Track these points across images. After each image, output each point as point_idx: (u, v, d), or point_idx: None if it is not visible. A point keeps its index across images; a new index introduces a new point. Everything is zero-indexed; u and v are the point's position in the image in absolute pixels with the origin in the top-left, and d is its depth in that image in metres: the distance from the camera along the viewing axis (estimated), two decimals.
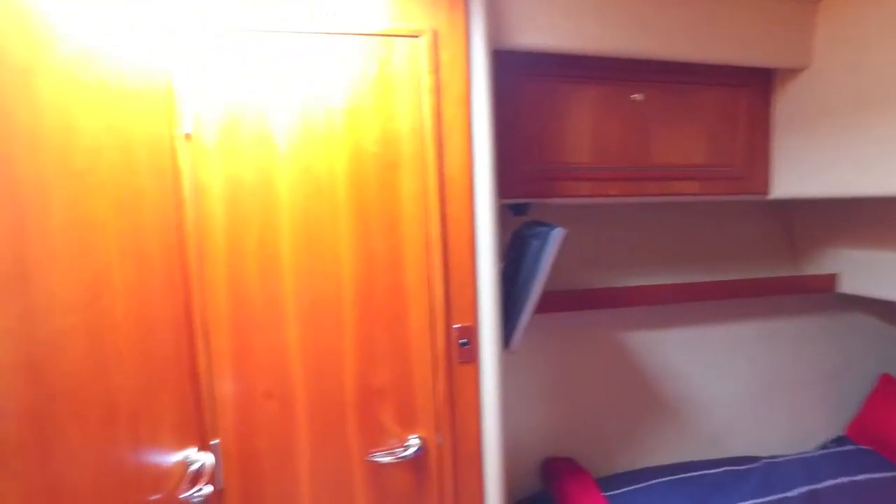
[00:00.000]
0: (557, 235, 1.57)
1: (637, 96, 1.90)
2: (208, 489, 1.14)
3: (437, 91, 1.43)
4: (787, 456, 2.23)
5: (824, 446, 2.39)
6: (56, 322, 0.76)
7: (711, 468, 2.12)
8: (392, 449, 1.43)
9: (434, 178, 1.42)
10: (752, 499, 1.94)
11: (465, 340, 1.46)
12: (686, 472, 2.07)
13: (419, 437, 1.45)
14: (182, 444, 1.14)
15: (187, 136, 1.29)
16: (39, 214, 0.76)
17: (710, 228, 2.32)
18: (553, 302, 1.95)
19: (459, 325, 1.46)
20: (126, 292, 0.95)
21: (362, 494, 1.44)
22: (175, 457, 1.10)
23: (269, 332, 1.35)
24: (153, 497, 1.01)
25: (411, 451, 1.43)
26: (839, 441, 2.39)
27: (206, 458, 1.16)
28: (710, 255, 2.31)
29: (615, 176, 1.88)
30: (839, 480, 2.01)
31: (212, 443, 1.31)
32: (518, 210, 1.95)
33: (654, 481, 1.99)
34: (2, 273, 0.67)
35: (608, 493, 1.92)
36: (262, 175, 1.33)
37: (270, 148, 1.33)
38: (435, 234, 1.43)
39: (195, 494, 1.11)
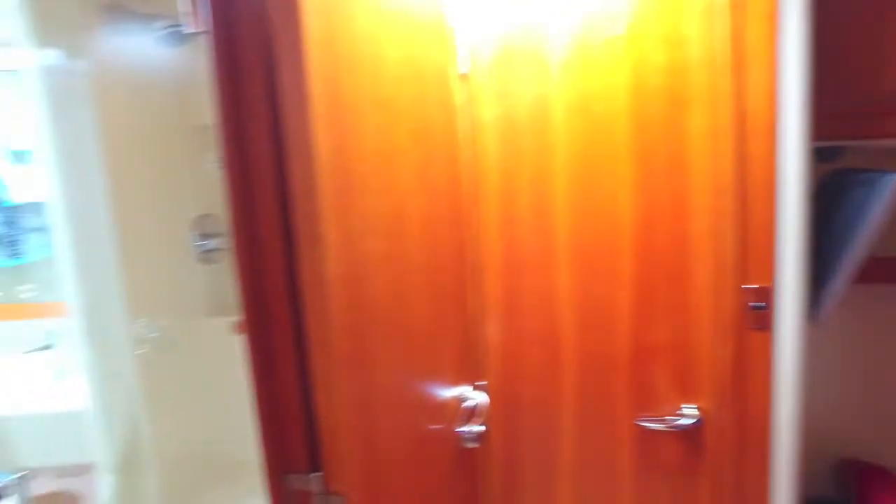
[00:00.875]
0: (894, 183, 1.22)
1: None
2: (480, 428, 1.14)
3: (738, 7, 1.19)
4: None
5: None
6: (368, 244, 0.79)
7: None
8: (663, 416, 1.29)
9: (728, 113, 1.20)
10: None
11: (762, 304, 1.23)
12: None
13: (696, 408, 1.28)
14: (458, 381, 1.16)
15: (463, 76, 1.27)
16: (356, 138, 0.78)
17: None
18: (881, 270, 1.56)
19: (755, 286, 1.23)
20: (420, 224, 0.96)
21: (627, 458, 1.33)
22: (452, 392, 1.12)
23: (539, 276, 1.30)
24: (434, 426, 1.04)
25: (686, 421, 1.27)
26: None
27: (480, 397, 1.16)
28: None
29: None
30: None
31: (478, 384, 1.32)
32: (825, 155, 1.59)
33: None
34: (334, 188, 0.70)
35: None
36: (537, 113, 1.26)
37: (544, 84, 1.25)
38: (726, 179, 1.22)
39: (468, 431, 1.12)
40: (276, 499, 0.76)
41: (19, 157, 1.97)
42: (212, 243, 1.84)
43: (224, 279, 1.95)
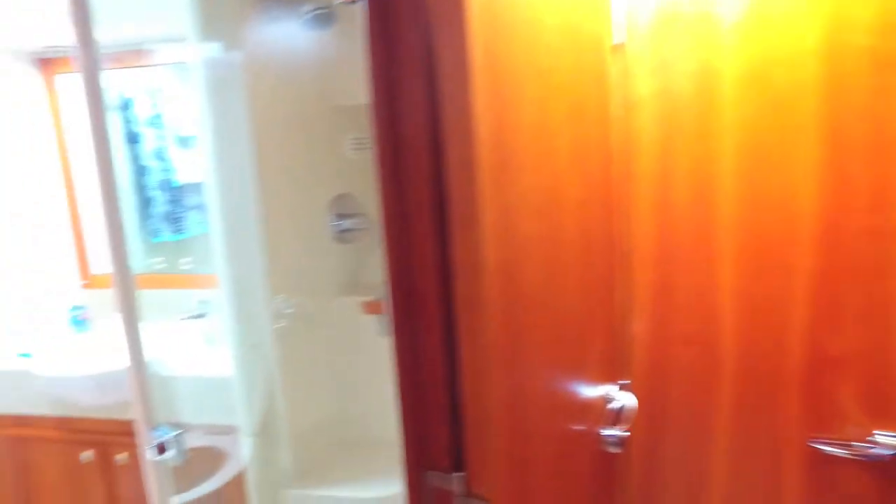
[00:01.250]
0: None
1: None
2: (625, 433, 1.04)
3: None
4: None
5: None
6: (523, 226, 0.72)
7: None
8: (848, 441, 1.10)
9: None
10: None
11: None
12: None
13: None
14: (603, 379, 1.06)
15: (618, 47, 1.15)
16: (514, 110, 0.71)
17: None
18: None
19: None
20: (573, 207, 0.88)
21: (794, 484, 1.16)
22: (597, 391, 1.03)
23: (696, 269, 1.16)
24: (577, 427, 0.96)
25: (881, 451, 1.07)
26: None
27: (627, 399, 1.06)
28: None
29: None
30: None
31: (621, 382, 1.22)
32: None
33: None
34: (491, 165, 0.63)
35: None
36: (701, 85, 1.11)
37: (711, 52, 1.10)
38: None
39: (613, 435, 1.03)
40: (414, 496, 0.72)
41: (184, 142, 2.15)
42: (347, 223, 1.88)
43: (358, 259, 1.99)
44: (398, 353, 0.67)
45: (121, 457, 1.86)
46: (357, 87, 1.79)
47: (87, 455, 1.88)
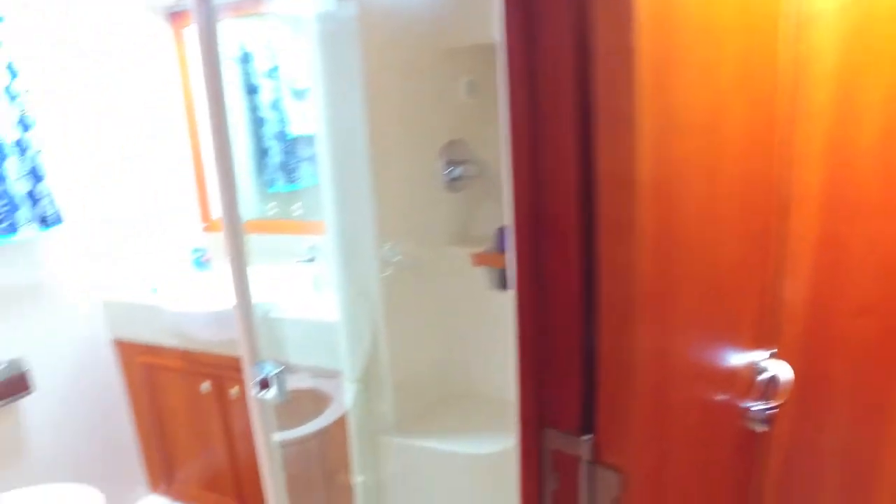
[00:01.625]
0: None
1: None
2: (772, 410, 0.89)
3: None
4: None
5: None
6: (680, 144, 0.59)
7: None
8: None
9: None
10: None
11: None
12: None
13: None
14: (753, 345, 0.91)
15: None
16: (677, 5, 0.57)
17: None
18: None
19: None
20: (737, 138, 0.72)
21: None
22: (745, 358, 0.88)
23: (880, 222, 0.95)
24: (719, 396, 0.82)
25: None
26: None
27: (781, 370, 0.90)
28: None
29: None
30: None
31: (769, 350, 1.04)
32: None
33: None
34: (650, 61, 0.51)
35: None
36: None
37: None
38: None
39: (760, 410, 0.88)
40: (528, 456, 0.62)
41: (299, 94, 2.17)
42: (458, 171, 1.79)
43: (468, 209, 1.91)
44: (521, 286, 0.57)
45: (233, 391, 1.95)
46: (473, 24, 1.68)
47: (206, 386, 2.00)
